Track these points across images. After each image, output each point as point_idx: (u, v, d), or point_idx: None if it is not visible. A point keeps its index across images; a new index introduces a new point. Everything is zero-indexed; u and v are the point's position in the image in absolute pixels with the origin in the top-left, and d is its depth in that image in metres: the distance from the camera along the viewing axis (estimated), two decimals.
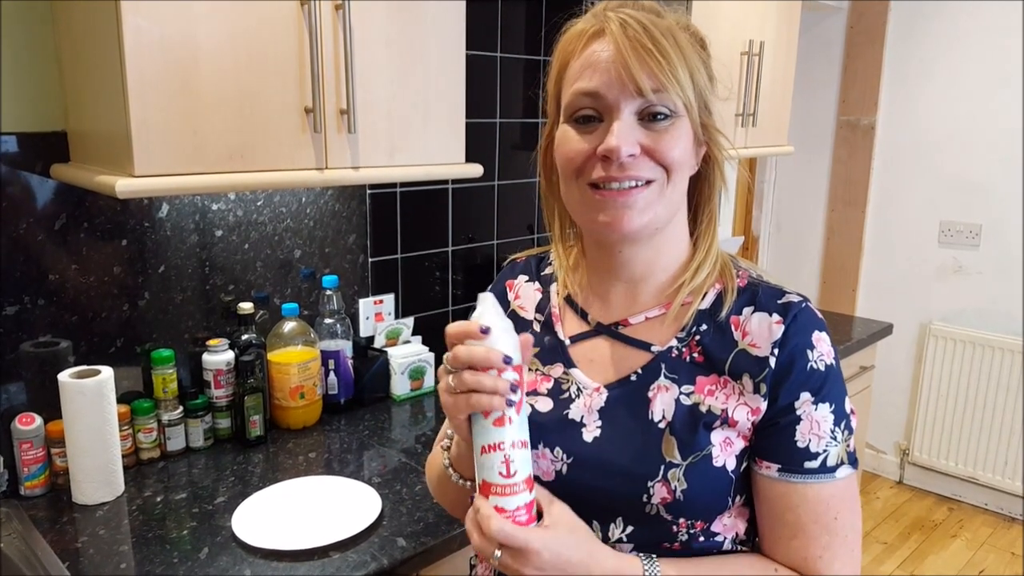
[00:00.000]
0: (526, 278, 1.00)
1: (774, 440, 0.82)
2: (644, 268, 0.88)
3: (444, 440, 0.95)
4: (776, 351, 0.81)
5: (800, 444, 0.81)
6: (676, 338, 0.86)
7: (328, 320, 1.78)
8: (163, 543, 1.26)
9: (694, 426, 0.82)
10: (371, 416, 1.80)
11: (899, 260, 3.40)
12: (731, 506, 0.84)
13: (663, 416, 0.83)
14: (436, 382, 1.95)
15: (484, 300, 0.79)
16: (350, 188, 1.86)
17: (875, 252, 3.48)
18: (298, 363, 1.67)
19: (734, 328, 0.84)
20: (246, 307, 1.66)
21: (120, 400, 1.46)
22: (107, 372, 1.38)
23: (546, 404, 0.89)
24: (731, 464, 0.82)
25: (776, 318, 0.83)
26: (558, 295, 0.96)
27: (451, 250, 2.12)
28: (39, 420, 1.40)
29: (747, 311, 0.84)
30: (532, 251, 1.05)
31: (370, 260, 1.94)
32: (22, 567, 1.21)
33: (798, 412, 0.81)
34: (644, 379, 0.86)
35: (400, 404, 1.88)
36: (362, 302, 1.93)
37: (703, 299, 0.87)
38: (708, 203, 0.90)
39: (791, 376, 0.81)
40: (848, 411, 0.84)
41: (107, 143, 1.25)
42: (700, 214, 0.90)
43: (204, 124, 1.22)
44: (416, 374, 1.91)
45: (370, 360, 1.87)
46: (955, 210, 3.22)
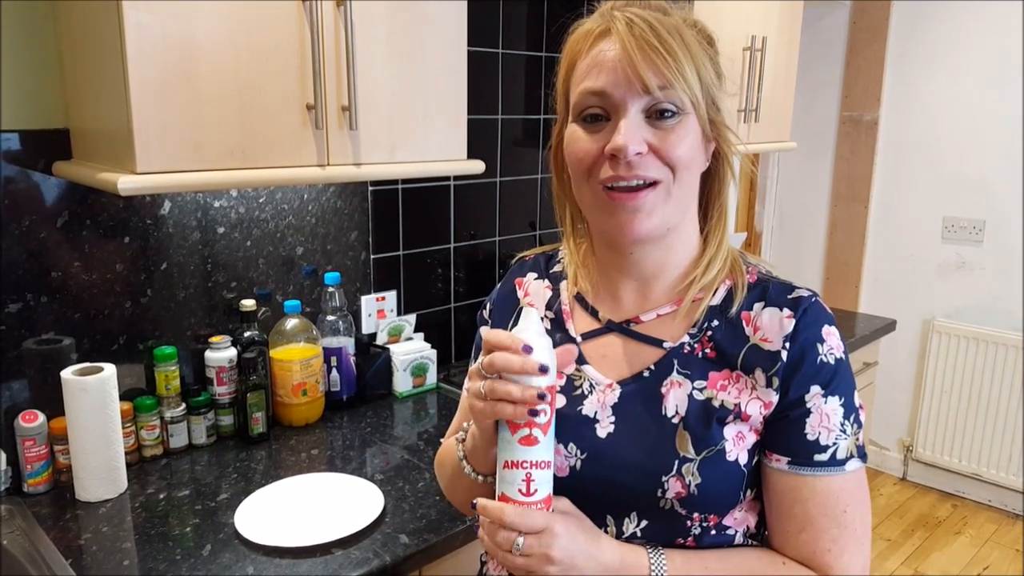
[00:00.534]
0: (535, 276, 1.01)
1: (784, 433, 0.82)
2: (655, 267, 0.89)
3: (460, 433, 0.95)
4: (787, 345, 0.82)
5: (810, 437, 0.82)
6: (688, 334, 0.87)
7: (330, 317, 1.78)
8: (166, 540, 1.26)
9: (707, 421, 0.82)
10: (373, 413, 1.80)
11: (902, 256, 3.40)
12: (743, 500, 0.85)
13: (676, 411, 0.84)
14: (439, 379, 1.97)
15: (529, 315, 0.78)
16: (352, 185, 1.86)
17: (878, 248, 3.47)
18: (300, 360, 1.67)
19: (745, 323, 0.85)
20: (248, 304, 1.66)
21: (123, 397, 1.47)
22: (110, 369, 1.38)
23: (560, 401, 0.89)
24: (743, 458, 0.83)
25: (787, 312, 0.83)
26: (568, 292, 0.96)
27: (453, 247, 2.11)
28: (42, 417, 1.40)
29: (758, 306, 0.85)
30: (540, 248, 1.05)
31: (372, 257, 1.93)
32: (26, 564, 1.21)
33: (808, 405, 0.82)
34: (657, 375, 0.86)
35: (402, 401, 1.88)
36: (364, 299, 1.93)
37: (714, 295, 0.87)
38: (718, 198, 0.90)
39: (801, 369, 0.82)
40: (857, 405, 0.84)
41: (109, 140, 1.25)
42: (710, 209, 0.91)
43: (206, 121, 1.21)
44: (418, 371, 1.91)
45: (372, 357, 1.87)
46: (958, 206, 3.22)
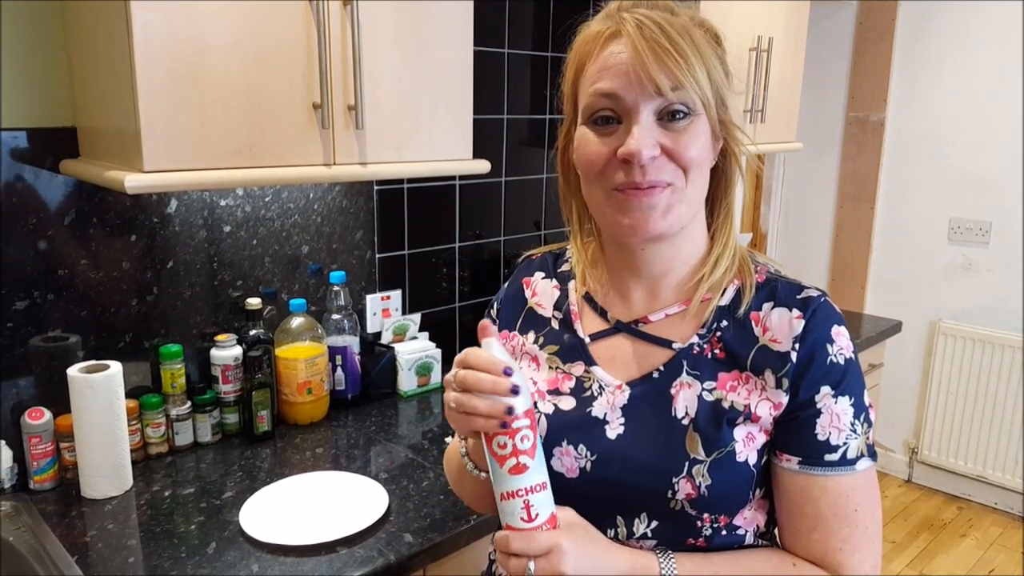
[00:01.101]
0: (543, 275, 1.00)
1: (795, 433, 0.82)
2: (664, 266, 0.89)
3: None
4: (797, 346, 0.82)
5: (820, 437, 0.81)
6: (697, 335, 0.86)
7: (335, 316, 1.79)
8: (171, 537, 1.26)
9: (718, 422, 0.82)
10: (378, 412, 1.81)
11: (908, 257, 3.39)
12: (752, 499, 0.85)
13: (686, 412, 0.84)
14: (442, 377, 1.97)
15: (491, 345, 0.80)
16: (357, 184, 1.86)
17: (884, 249, 3.46)
18: (305, 359, 1.68)
19: (754, 324, 0.85)
20: (254, 303, 1.67)
21: (129, 395, 1.47)
22: (116, 367, 1.39)
23: (569, 402, 0.89)
24: (753, 459, 0.83)
25: (796, 313, 0.83)
26: (576, 292, 0.96)
27: (458, 246, 2.12)
28: (48, 414, 1.40)
29: (767, 307, 0.85)
30: (548, 247, 1.05)
31: (377, 256, 1.94)
32: (31, 561, 1.22)
33: (819, 405, 0.81)
34: (666, 376, 0.86)
35: (407, 400, 1.88)
36: (369, 298, 1.93)
37: (723, 295, 0.87)
38: (725, 197, 0.90)
39: (812, 370, 0.81)
40: (867, 404, 0.84)
41: (116, 138, 1.25)
42: (717, 207, 0.90)
43: (212, 120, 1.22)
44: (423, 370, 1.91)
45: (377, 356, 1.88)
46: (965, 207, 3.20)
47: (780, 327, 0.83)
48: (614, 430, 0.86)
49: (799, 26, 2.52)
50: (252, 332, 1.66)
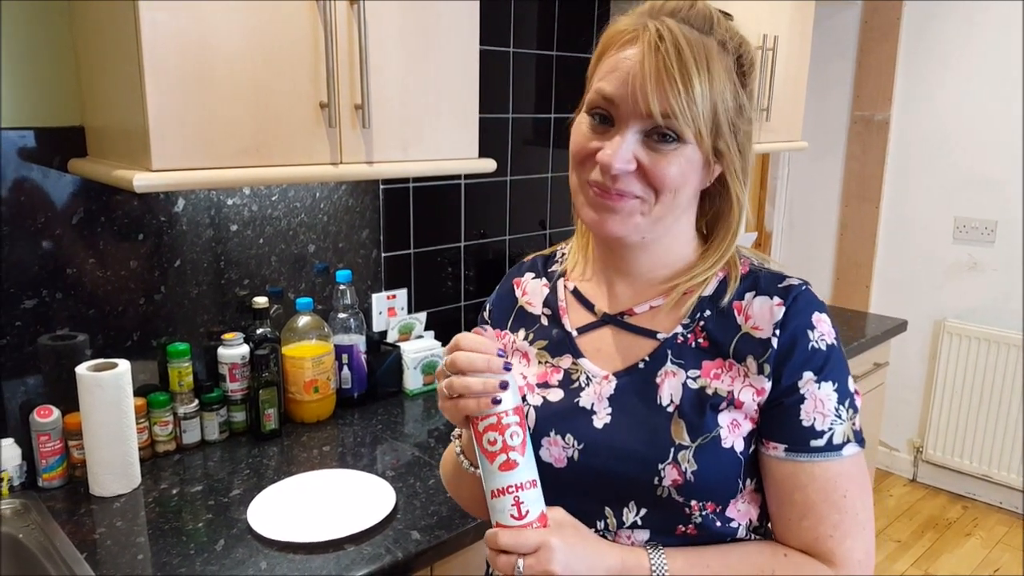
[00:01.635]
0: (533, 275, 1.03)
1: (779, 420, 0.83)
2: (645, 267, 0.91)
3: (456, 430, 0.97)
4: (778, 332, 0.83)
5: (805, 423, 0.82)
6: (681, 324, 0.88)
7: (342, 314, 1.79)
8: (179, 535, 1.27)
9: (701, 409, 0.83)
10: (384, 410, 1.81)
11: (913, 256, 3.38)
12: (742, 489, 0.85)
13: (671, 400, 0.85)
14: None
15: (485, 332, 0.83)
16: (363, 183, 1.86)
17: (889, 248, 3.46)
18: (312, 357, 1.68)
19: (737, 313, 0.86)
20: (261, 301, 1.67)
21: (136, 393, 1.48)
22: (124, 365, 1.39)
23: (557, 394, 0.91)
24: (739, 446, 0.83)
25: (777, 300, 0.84)
26: (565, 289, 0.98)
27: (463, 245, 2.12)
28: (57, 413, 1.41)
29: (749, 296, 0.86)
30: (539, 252, 1.07)
31: (383, 255, 1.94)
32: (41, 558, 1.22)
33: (801, 391, 0.82)
34: (651, 366, 0.87)
35: (413, 398, 1.89)
36: (375, 297, 1.94)
37: (706, 286, 0.89)
38: (726, 218, 0.89)
39: (793, 356, 0.82)
40: (852, 390, 0.85)
41: (124, 138, 1.26)
42: (718, 225, 0.91)
43: (220, 119, 1.22)
44: (429, 369, 1.92)
45: (383, 355, 1.88)
46: (970, 206, 3.20)
47: (761, 315, 0.84)
48: (601, 420, 0.87)
49: (804, 25, 2.52)
50: (259, 331, 1.66)
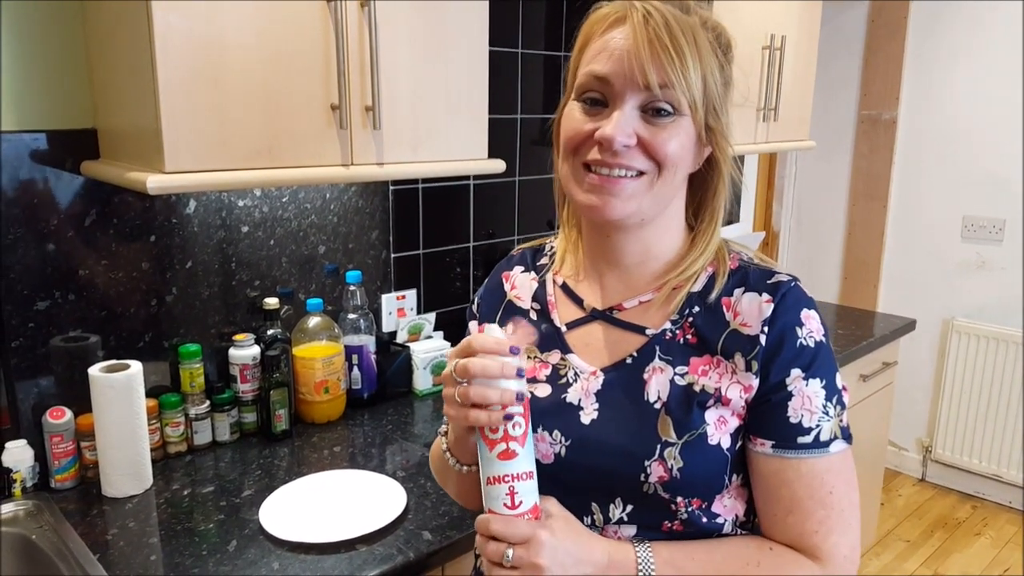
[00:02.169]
0: (522, 269, 1.02)
1: (767, 417, 0.83)
2: (637, 257, 0.90)
3: (442, 426, 0.97)
4: (766, 329, 0.83)
5: (792, 420, 0.82)
6: (670, 320, 0.88)
7: (352, 315, 1.79)
8: (192, 536, 1.28)
9: (688, 405, 0.83)
10: (394, 411, 1.81)
11: (921, 255, 3.37)
12: (728, 485, 0.85)
13: (659, 396, 0.85)
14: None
15: (492, 330, 0.80)
16: (373, 184, 1.87)
17: (897, 247, 3.45)
18: (322, 358, 1.69)
19: (725, 309, 0.86)
20: (271, 302, 1.68)
21: (148, 394, 1.48)
22: (136, 366, 1.40)
23: (544, 390, 0.91)
24: (726, 442, 0.83)
25: (766, 297, 0.84)
26: (554, 283, 0.98)
27: (472, 246, 2.12)
28: (69, 414, 1.42)
29: (738, 292, 0.86)
30: (528, 244, 1.07)
31: (392, 256, 1.95)
32: (55, 559, 1.23)
33: (789, 388, 0.82)
34: (639, 362, 0.87)
35: (422, 399, 1.89)
36: (385, 297, 1.94)
37: (695, 282, 0.88)
38: (711, 203, 0.90)
39: (781, 353, 0.82)
40: (840, 387, 0.85)
41: (137, 140, 1.27)
42: (703, 212, 0.91)
43: (233, 121, 1.23)
44: (438, 369, 1.92)
45: (393, 355, 1.88)
46: (978, 205, 3.19)
47: (750, 311, 0.84)
48: (588, 415, 0.87)
49: (811, 24, 2.52)
50: (270, 332, 1.67)
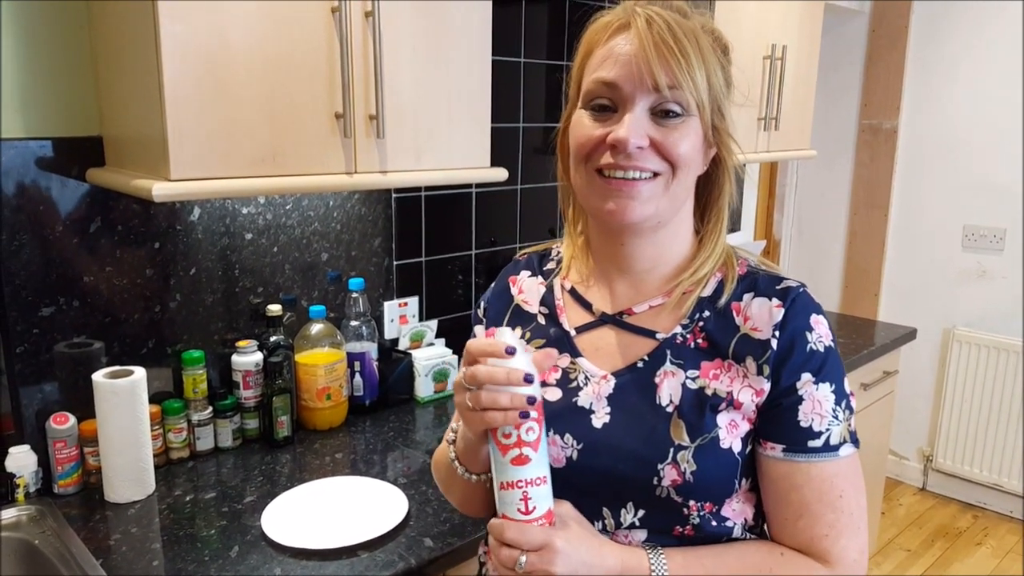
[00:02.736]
0: (528, 273, 1.03)
1: (778, 421, 0.84)
2: (648, 262, 0.91)
3: (450, 434, 0.97)
4: (777, 333, 0.84)
5: (803, 424, 0.83)
6: (680, 325, 0.88)
7: (354, 322, 1.80)
8: (194, 541, 1.28)
9: (701, 409, 0.84)
10: (396, 418, 1.82)
11: (922, 264, 3.38)
12: (738, 489, 0.86)
13: (671, 400, 0.85)
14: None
15: (503, 334, 0.80)
16: (376, 192, 1.88)
17: (898, 256, 3.45)
18: (325, 364, 1.69)
19: (735, 314, 0.87)
20: (274, 309, 1.68)
21: (151, 400, 1.48)
22: (140, 372, 1.40)
23: (555, 394, 0.91)
24: (737, 446, 0.84)
25: (776, 302, 0.85)
26: (562, 287, 0.98)
27: (474, 253, 2.13)
28: (73, 419, 1.42)
29: (747, 297, 0.87)
30: (534, 248, 1.07)
31: (395, 263, 1.95)
32: (57, 564, 1.23)
33: (800, 392, 0.83)
34: (651, 365, 0.88)
35: (424, 406, 1.90)
36: (387, 305, 1.95)
37: (704, 287, 0.89)
38: (716, 203, 0.92)
39: (792, 357, 0.83)
40: (848, 391, 0.86)
41: (142, 147, 1.27)
42: (708, 213, 0.92)
43: (238, 129, 1.24)
44: (440, 376, 1.93)
45: (395, 362, 1.89)
46: (979, 214, 3.20)
47: (760, 316, 0.85)
48: (600, 419, 0.87)
49: (813, 34, 2.53)
50: (272, 338, 1.67)
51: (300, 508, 1.37)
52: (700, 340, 0.87)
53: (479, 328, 1.04)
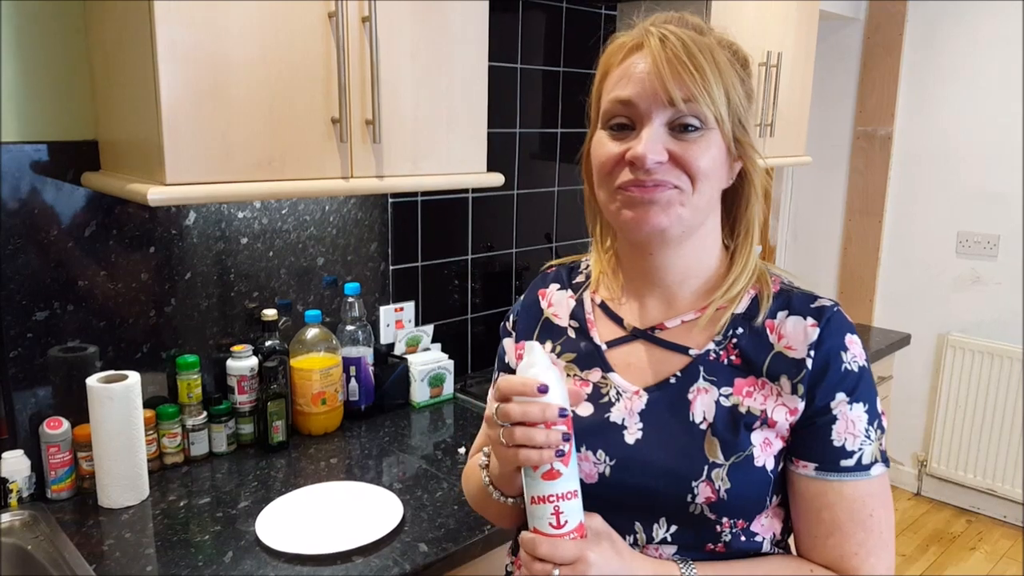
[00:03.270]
0: (558, 287, 1.02)
1: (811, 440, 0.84)
2: (678, 275, 0.90)
3: (481, 457, 0.96)
4: (812, 353, 0.84)
5: (836, 443, 0.83)
6: (713, 341, 0.88)
7: (350, 327, 1.80)
8: (188, 547, 1.27)
9: (735, 427, 0.84)
10: (391, 423, 1.82)
11: (916, 270, 3.39)
12: (769, 506, 0.86)
13: (704, 417, 0.85)
14: (456, 390, 1.98)
15: (532, 350, 0.80)
16: (372, 197, 1.88)
17: (892, 262, 3.47)
18: (320, 369, 1.69)
19: (769, 331, 0.87)
20: (270, 314, 1.68)
21: (145, 405, 1.48)
22: (134, 377, 1.40)
23: (586, 409, 0.90)
24: (770, 464, 0.84)
25: (811, 321, 0.85)
26: (592, 301, 0.98)
27: (470, 258, 2.13)
28: (66, 424, 1.42)
29: (781, 315, 0.87)
30: (562, 260, 1.07)
31: (391, 268, 1.95)
32: (50, 569, 1.23)
33: (834, 412, 0.83)
34: (684, 382, 0.87)
35: (419, 411, 1.89)
36: (383, 309, 1.94)
37: (738, 303, 0.89)
38: (745, 216, 0.92)
39: (827, 377, 0.83)
40: (880, 412, 0.86)
41: (138, 152, 1.27)
42: (737, 227, 0.92)
43: (234, 134, 1.24)
44: (435, 381, 1.92)
45: (390, 367, 1.89)
46: (973, 220, 3.21)
47: (795, 335, 0.85)
48: (632, 435, 0.87)
49: (808, 41, 2.54)
50: (268, 343, 1.67)
51: (295, 513, 1.37)
52: (734, 357, 0.87)
53: (508, 341, 1.04)
